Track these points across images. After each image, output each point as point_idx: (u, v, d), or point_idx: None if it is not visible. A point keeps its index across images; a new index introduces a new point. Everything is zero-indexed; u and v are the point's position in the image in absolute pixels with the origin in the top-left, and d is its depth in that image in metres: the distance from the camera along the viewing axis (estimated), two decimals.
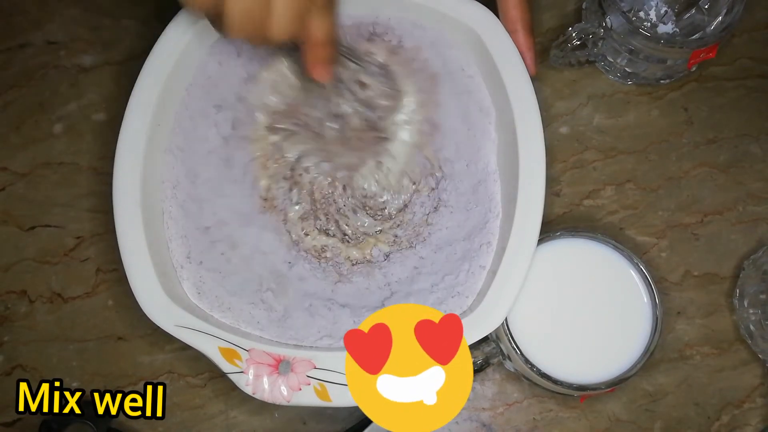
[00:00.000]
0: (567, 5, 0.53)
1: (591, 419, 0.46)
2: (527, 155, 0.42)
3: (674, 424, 0.46)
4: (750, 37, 0.52)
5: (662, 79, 0.51)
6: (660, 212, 0.49)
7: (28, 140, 0.51)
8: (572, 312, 0.43)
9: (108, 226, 0.48)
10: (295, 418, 0.46)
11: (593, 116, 0.51)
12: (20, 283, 0.49)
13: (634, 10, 0.48)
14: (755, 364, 0.47)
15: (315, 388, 0.39)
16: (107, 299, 0.48)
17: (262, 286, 0.43)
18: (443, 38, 0.46)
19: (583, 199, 0.50)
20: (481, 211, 0.44)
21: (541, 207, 0.41)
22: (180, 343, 0.40)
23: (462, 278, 0.43)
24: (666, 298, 0.48)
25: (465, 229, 0.44)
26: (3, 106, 0.52)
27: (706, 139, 0.51)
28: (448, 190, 0.45)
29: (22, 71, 0.52)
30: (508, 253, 0.41)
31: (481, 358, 0.43)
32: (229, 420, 0.46)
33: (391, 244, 0.45)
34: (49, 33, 0.53)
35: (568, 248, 0.44)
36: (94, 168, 0.50)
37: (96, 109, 0.52)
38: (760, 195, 0.49)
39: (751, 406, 0.46)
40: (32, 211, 0.50)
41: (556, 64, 0.50)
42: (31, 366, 0.47)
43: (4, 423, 0.47)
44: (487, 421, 0.46)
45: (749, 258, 0.47)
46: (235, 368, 0.40)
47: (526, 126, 0.42)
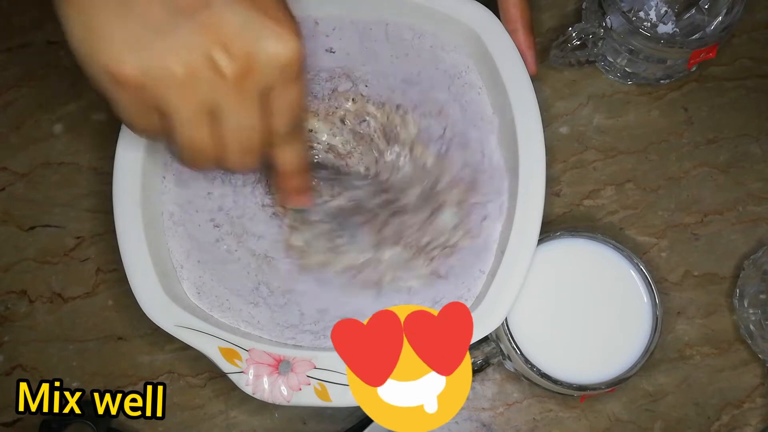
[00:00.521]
0: (567, 5, 0.53)
1: (591, 419, 0.46)
2: (527, 155, 0.42)
3: (674, 424, 0.46)
4: (750, 37, 0.52)
5: (662, 79, 0.51)
6: (660, 212, 0.49)
7: (28, 140, 0.51)
8: (572, 312, 0.43)
9: (108, 226, 0.48)
10: (295, 418, 0.46)
11: (593, 116, 0.51)
12: (20, 283, 0.49)
13: (634, 10, 0.48)
14: (755, 364, 0.47)
15: (315, 388, 0.39)
16: (107, 299, 0.48)
17: (262, 286, 0.43)
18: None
19: (583, 199, 0.50)
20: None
21: (541, 207, 0.41)
22: (180, 343, 0.40)
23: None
24: (666, 298, 0.48)
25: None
26: (3, 106, 0.52)
27: (706, 139, 0.51)
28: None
29: (22, 71, 0.52)
30: (508, 253, 0.41)
31: (481, 358, 0.43)
32: (229, 420, 0.46)
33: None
34: (49, 33, 0.53)
35: (568, 248, 0.44)
36: (94, 168, 0.50)
37: (96, 109, 0.52)
38: (760, 195, 0.50)
39: (751, 406, 0.46)
40: (32, 211, 0.50)
41: (556, 64, 0.50)
42: (31, 366, 0.47)
43: (4, 423, 0.47)
44: (487, 421, 0.46)
45: (749, 258, 0.47)
46: (235, 368, 0.40)
47: (526, 126, 0.42)
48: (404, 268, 0.43)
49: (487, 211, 0.44)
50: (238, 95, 0.32)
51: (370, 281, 0.43)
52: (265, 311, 0.43)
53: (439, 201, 0.44)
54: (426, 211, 0.44)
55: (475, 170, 0.45)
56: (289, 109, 0.34)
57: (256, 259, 0.44)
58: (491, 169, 0.45)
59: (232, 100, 0.32)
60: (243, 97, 0.32)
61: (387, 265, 0.44)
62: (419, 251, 0.43)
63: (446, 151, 0.45)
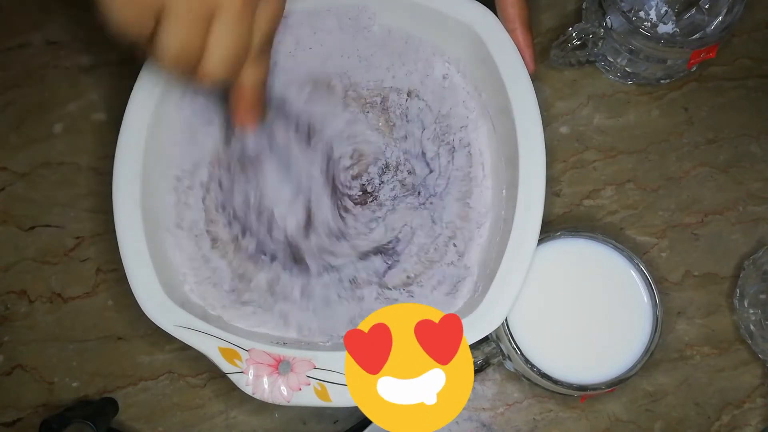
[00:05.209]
0: (567, 5, 0.53)
1: (591, 419, 0.46)
2: (527, 155, 0.42)
3: (674, 424, 0.46)
4: (750, 37, 0.52)
5: (662, 79, 0.51)
6: (660, 212, 0.49)
7: (28, 140, 0.51)
8: (572, 312, 0.43)
9: (108, 226, 0.48)
10: (295, 418, 0.46)
11: (593, 116, 0.51)
12: (20, 283, 0.49)
13: (634, 10, 0.48)
14: (755, 364, 0.47)
15: (315, 388, 0.39)
16: (107, 299, 0.48)
17: (263, 286, 0.43)
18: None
19: (583, 199, 0.50)
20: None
21: (541, 207, 0.41)
22: (180, 343, 0.40)
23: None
24: (666, 298, 0.48)
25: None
26: (3, 106, 0.52)
27: (706, 139, 0.51)
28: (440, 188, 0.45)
29: (22, 71, 0.52)
30: (508, 253, 0.41)
31: (481, 358, 0.43)
32: (229, 420, 0.46)
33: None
34: (49, 33, 0.53)
35: (568, 248, 0.44)
36: (94, 168, 0.50)
37: (96, 109, 0.52)
38: (760, 195, 0.49)
39: (751, 406, 0.46)
40: (32, 211, 0.50)
41: (557, 63, 0.50)
42: (31, 366, 0.47)
43: (4, 423, 0.47)
44: (487, 421, 0.46)
45: (749, 258, 0.47)
46: (235, 368, 0.40)
47: (526, 126, 0.42)
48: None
49: (484, 218, 0.45)
50: (242, 3, 0.33)
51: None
52: (265, 311, 0.43)
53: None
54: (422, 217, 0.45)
55: (470, 181, 0.45)
56: (269, 21, 0.36)
57: (256, 259, 0.44)
58: (486, 178, 0.45)
59: (236, 6, 0.33)
60: (245, 6, 0.33)
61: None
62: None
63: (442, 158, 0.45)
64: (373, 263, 0.44)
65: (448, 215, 0.45)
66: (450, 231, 0.45)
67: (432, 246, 0.44)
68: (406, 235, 0.44)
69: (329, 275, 0.43)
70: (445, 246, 0.44)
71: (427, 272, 0.44)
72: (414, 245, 0.44)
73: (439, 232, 0.45)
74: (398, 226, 0.45)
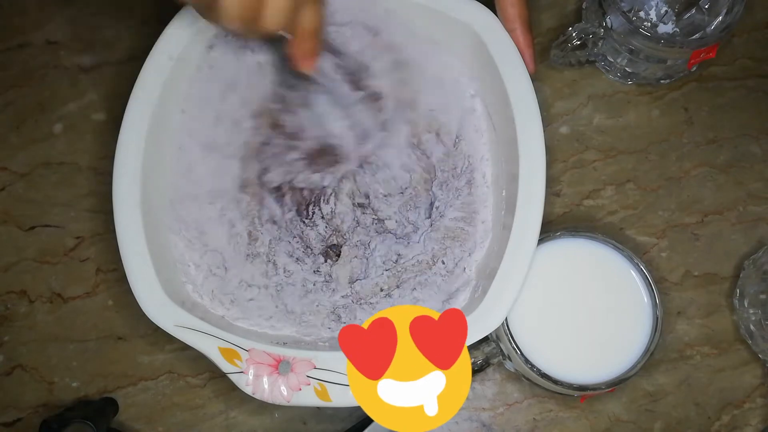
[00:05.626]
0: (567, 5, 0.53)
1: (591, 419, 0.46)
2: (527, 155, 0.42)
3: (674, 424, 0.46)
4: (750, 37, 0.52)
5: (662, 79, 0.51)
6: (660, 212, 0.49)
7: (28, 140, 0.51)
8: (572, 312, 0.43)
9: (108, 226, 0.48)
10: (295, 418, 0.46)
11: (593, 116, 0.51)
12: (20, 283, 0.49)
13: (634, 10, 0.48)
14: (755, 364, 0.47)
15: (315, 388, 0.39)
16: (107, 299, 0.48)
17: (262, 285, 0.43)
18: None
19: (583, 199, 0.50)
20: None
21: (541, 207, 0.41)
22: (180, 343, 0.40)
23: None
24: (666, 298, 0.48)
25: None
26: (3, 106, 0.52)
27: (706, 139, 0.51)
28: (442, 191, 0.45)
29: (22, 71, 0.52)
30: (508, 253, 0.41)
31: (481, 358, 0.43)
32: (229, 420, 0.46)
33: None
34: (49, 33, 0.53)
35: (568, 248, 0.44)
36: (94, 168, 0.50)
37: (96, 109, 0.52)
38: (760, 195, 0.49)
39: (751, 406, 0.46)
40: (32, 211, 0.50)
41: (557, 63, 0.50)
42: (31, 366, 0.47)
43: (4, 423, 0.47)
44: (487, 421, 0.46)
45: (749, 258, 0.47)
46: (235, 368, 0.40)
47: (526, 126, 0.42)
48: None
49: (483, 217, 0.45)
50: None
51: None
52: (264, 310, 0.43)
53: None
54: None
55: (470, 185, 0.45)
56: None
57: (255, 259, 0.44)
58: (486, 178, 0.45)
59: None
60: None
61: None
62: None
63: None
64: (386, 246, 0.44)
65: (448, 215, 0.45)
66: (450, 231, 0.45)
67: (431, 247, 0.44)
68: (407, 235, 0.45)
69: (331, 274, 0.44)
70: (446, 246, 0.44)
71: (426, 272, 0.44)
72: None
73: (440, 233, 0.45)
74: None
